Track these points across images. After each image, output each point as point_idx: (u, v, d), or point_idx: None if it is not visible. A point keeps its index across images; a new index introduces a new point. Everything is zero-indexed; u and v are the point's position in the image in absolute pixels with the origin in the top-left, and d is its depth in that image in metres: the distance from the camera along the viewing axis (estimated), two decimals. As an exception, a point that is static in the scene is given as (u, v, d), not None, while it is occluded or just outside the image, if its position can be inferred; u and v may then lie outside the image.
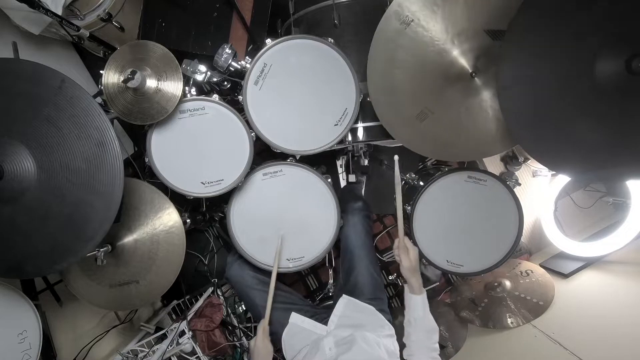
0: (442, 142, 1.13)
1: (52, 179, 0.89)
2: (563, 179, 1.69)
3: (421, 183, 1.31)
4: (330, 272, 1.55)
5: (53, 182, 0.89)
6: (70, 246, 0.92)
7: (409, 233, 1.29)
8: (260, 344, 1.11)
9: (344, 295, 1.26)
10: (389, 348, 1.11)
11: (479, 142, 1.12)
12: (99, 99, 1.08)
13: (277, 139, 1.17)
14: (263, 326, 1.14)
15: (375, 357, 1.04)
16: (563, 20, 0.87)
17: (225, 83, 1.24)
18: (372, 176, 1.79)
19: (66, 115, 0.89)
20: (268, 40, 1.10)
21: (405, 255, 1.13)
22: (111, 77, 1.05)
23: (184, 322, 1.39)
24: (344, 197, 1.39)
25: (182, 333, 1.38)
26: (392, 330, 1.19)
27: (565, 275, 1.56)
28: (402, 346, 1.14)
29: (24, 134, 0.88)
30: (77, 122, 0.89)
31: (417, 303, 1.11)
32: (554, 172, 1.74)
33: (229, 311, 1.56)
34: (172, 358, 1.35)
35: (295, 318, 1.25)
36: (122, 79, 1.02)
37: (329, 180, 1.27)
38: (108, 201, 0.91)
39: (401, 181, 1.16)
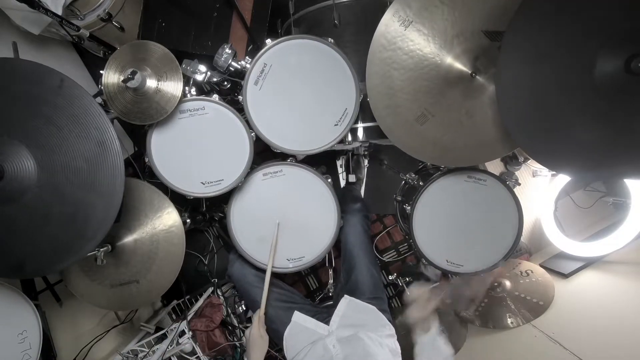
0: (442, 146, 1.12)
1: (52, 178, 0.89)
2: (563, 179, 1.69)
3: (421, 183, 1.31)
4: (330, 272, 1.55)
5: (53, 182, 0.89)
6: (71, 246, 0.92)
7: (409, 233, 1.29)
8: (257, 332, 1.11)
9: (345, 296, 1.26)
10: (392, 347, 1.12)
11: (480, 145, 1.11)
12: (99, 99, 1.08)
13: (277, 139, 1.17)
14: (259, 315, 1.14)
15: (380, 356, 1.04)
16: (562, 20, 0.87)
17: (225, 83, 1.24)
18: (372, 176, 1.79)
19: (66, 115, 0.89)
20: (268, 40, 1.10)
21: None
22: (111, 77, 1.05)
23: (184, 322, 1.39)
24: (343, 198, 1.40)
25: (182, 333, 1.38)
26: (393, 330, 1.20)
27: (565, 275, 1.56)
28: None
29: (24, 134, 0.88)
30: (77, 121, 0.89)
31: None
32: (554, 172, 1.74)
33: (229, 311, 1.56)
34: (172, 358, 1.35)
35: (298, 317, 1.24)
36: (122, 79, 1.02)
37: (329, 180, 1.27)
38: (109, 201, 0.91)
39: (402, 182, 1.16)
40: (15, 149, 0.87)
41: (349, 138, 1.23)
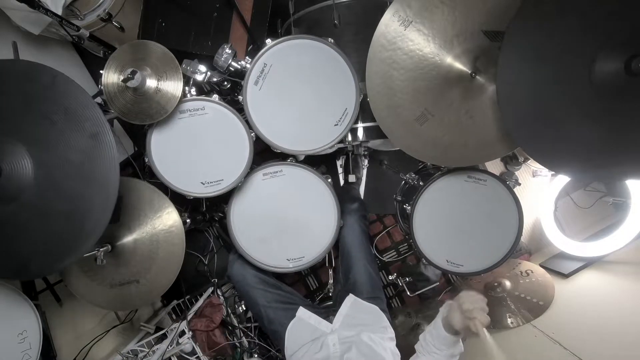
0: (442, 146, 1.11)
1: (49, 174, 0.89)
2: (563, 179, 1.69)
3: (421, 183, 1.31)
4: (330, 272, 1.55)
5: (51, 178, 0.89)
6: (72, 243, 0.92)
7: (409, 233, 1.29)
8: None
9: (350, 295, 1.26)
10: (393, 351, 1.12)
11: (480, 145, 1.11)
12: (99, 99, 1.08)
13: (277, 139, 1.17)
14: None
15: (380, 358, 1.04)
16: (562, 21, 0.87)
17: (225, 83, 1.24)
18: (372, 176, 1.79)
19: (60, 110, 0.89)
20: (268, 40, 1.10)
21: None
22: (111, 76, 1.05)
23: (184, 322, 1.39)
24: (341, 198, 1.40)
25: (182, 333, 1.38)
26: (394, 334, 1.20)
27: (565, 275, 1.56)
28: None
29: (18, 131, 0.88)
30: (70, 116, 0.89)
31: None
32: (553, 172, 1.74)
33: (229, 311, 1.56)
34: (172, 358, 1.35)
35: (303, 312, 1.24)
36: (122, 78, 1.02)
37: (329, 180, 1.27)
38: (105, 192, 0.91)
39: (402, 182, 1.15)
40: (11, 147, 0.87)
41: (349, 138, 1.23)
